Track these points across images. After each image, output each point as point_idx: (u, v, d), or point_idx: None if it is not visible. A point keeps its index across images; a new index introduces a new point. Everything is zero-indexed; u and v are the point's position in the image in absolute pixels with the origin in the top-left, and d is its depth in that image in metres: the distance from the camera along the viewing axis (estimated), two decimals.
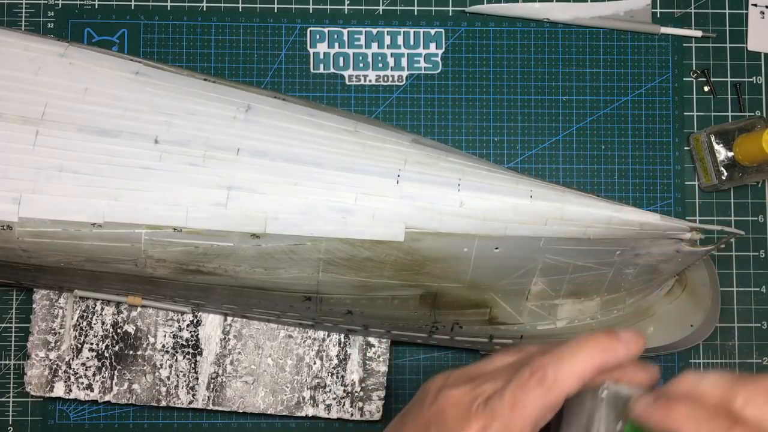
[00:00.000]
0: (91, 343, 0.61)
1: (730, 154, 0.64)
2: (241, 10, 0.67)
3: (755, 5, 0.69)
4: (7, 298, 0.65)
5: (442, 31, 0.67)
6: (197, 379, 0.61)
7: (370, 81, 0.67)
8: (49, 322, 0.61)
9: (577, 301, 0.58)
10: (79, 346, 0.61)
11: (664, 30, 0.68)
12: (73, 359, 0.61)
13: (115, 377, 0.61)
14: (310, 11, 0.67)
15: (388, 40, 0.67)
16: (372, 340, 0.62)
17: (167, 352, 0.61)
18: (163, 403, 0.61)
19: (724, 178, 0.64)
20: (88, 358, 0.61)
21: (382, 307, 0.55)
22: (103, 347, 0.61)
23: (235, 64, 0.67)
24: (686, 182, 0.67)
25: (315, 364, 0.62)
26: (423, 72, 0.67)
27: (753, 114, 0.68)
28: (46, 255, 0.52)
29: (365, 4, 0.68)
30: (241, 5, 0.67)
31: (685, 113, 0.68)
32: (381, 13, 0.68)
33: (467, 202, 0.50)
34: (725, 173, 0.64)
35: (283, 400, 0.61)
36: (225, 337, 0.61)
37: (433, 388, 0.40)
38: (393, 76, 0.67)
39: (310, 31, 0.67)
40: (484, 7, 0.67)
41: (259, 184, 0.50)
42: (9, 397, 0.64)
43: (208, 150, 0.51)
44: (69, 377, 0.61)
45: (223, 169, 0.50)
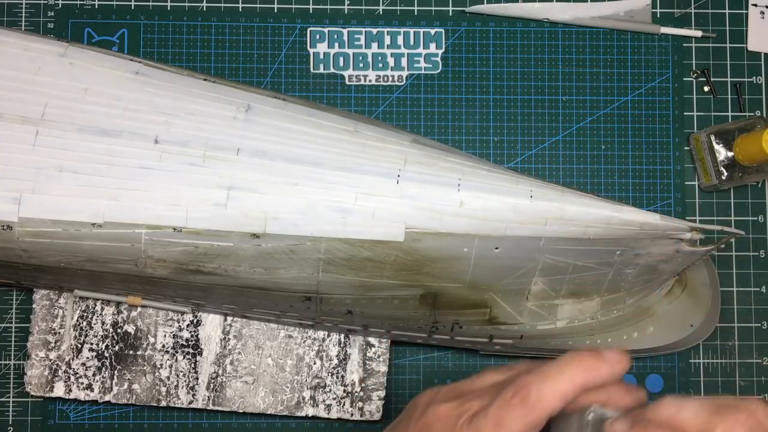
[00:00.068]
0: (91, 343, 0.61)
1: (730, 154, 0.64)
2: (241, 10, 0.67)
3: (755, 5, 0.69)
4: (7, 298, 0.65)
5: (442, 31, 0.67)
6: (197, 379, 0.61)
7: (370, 81, 0.67)
8: (49, 322, 0.61)
9: (577, 301, 0.58)
10: (79, 346, 0.61)
11: (664, 30, 0.68)
12: (73, 359, 0.61)
13: (115, 377, 0.61)
14: (310, 11, 0.67)
15: (388, 40, 0.67)
16: (372, 340, 0.62)
17: (167, 352, 0.61)
18: (163, 403, 0.61)
19: (724, 178, 0.64)
20: (88, 358, 0.61)
21: (382, 307, 0.55)
22: (103, 347, 0.61)
23: (235, 64, 0.67)
24: (686, 182, 0.67)
25: (315, 364, 0.62)
26: (423, 72, 0.67)
27: (753, 114, 0.68)
28: (46, 255, 0.52)
29: (365, 4, 0.68)
30: (241, 5, 0.67)
31: (685, 113, 0.68)
32: (381, 13, 0.68)
33: (467, 202, 0.50)
34: (725, 173, 0.64)
35: (283, 400, 0.61)
36: (225, 337, 0.61)
37: (422, 403, 0.42)
38: (393, 76, 0.67)
39: (310, 31, 0.67)
40: (484, 7, 0.67)
41: (259, 184, 0.50)
42: (9, 397, 0.64)
43: (208, 150, 0.51)
44: (69, 377, 0.61)
45: (223, 169, 0.50)
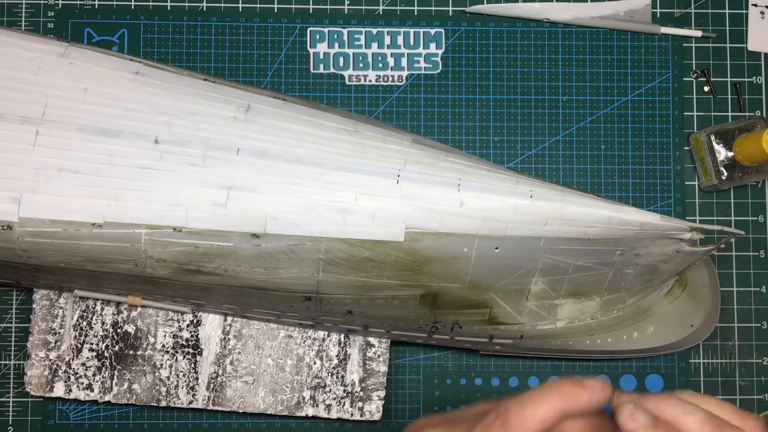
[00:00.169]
0: (91, 343, 0.61)
1: (730, 154, 0.64)
2: (241, 10, 0.67)
3: (755, 5, 0.69)
4: (7, 298, 0.65)
5: (442, 31, 0.67)
6: (197, 379, 0.61)
7: (370, 81, 0.67)
8: (49, 322, 0.61)
9: (577, 301, 0.58)
10: (79, 346, 0.61)
11: (664, 30, 0.68)
12: (73, 359, 0.61)
13: (115, 377, 0.61)
14: (310, 11, 0.67)
15: (388, 40, 0.67)
16: (372, 340, 0.62)
17: (167, 352, 0.61)
18: (163, 403, 0.61)
19: (724, 178, 0.64)
20: (88, 358, 0.61)
21: (382, 307, 0.55)
22: (103, 347, 0.61)
23: (235, 64, 0.67)
24: (686, 182, 0.67)
25: (315, 364, 0.62)
26: (423, 72, 0.67)
27: (753, 114, 0.68)
28: (46, 255, 0.52)
29: (365, 4, 0.68)
30: (241, 5, 0.67)
31: (685, 113, 0.68)
32: (381, 13, 0.68)
33: (467, 202, 0.50)
34: (725, 173, 0.64)
35: (283, 400, 0.61)
36: (225, 337, 0.61)
37: (413, 429, 0.44)
38: (393, 76, 0.67)
39: (310, 31, 0.67)
40: (484, 7, 0.67)
41: (259, 184, 0.50)
42: (9, 397, 0.64)
43: (208, 150, 0.51)
44: (69, 377, 0.61)
45: (223, 169, 0.50)
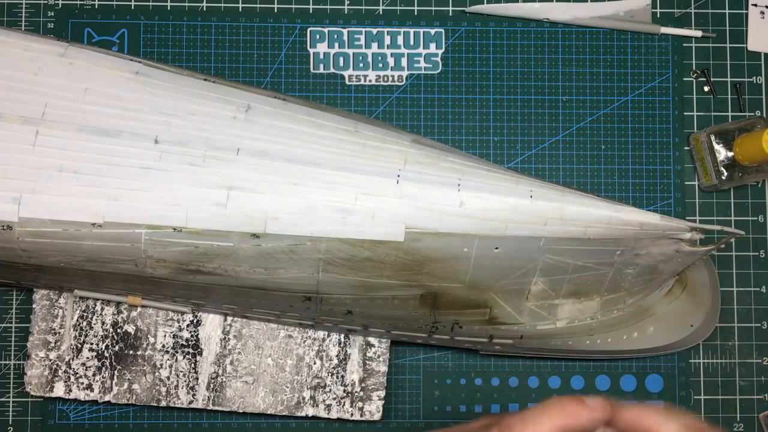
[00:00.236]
0: (91, 343, 0.61)
1: (730, 154, 0.64)
2: (241, 10, 0.67)
3: (755, 5, 0.69)
4: (7, 298, 0.65)
5: (442, 31, 0.67)
6: (197, 379, 0.61)
7: (370, 81, 0.67)
8: (49, 322, 0.61)
9: (577, 301, 0.58)
10: (79, 346, 0.61)
11: (664, 30, 0.68)
12: (73, 359, 0.61)
13: (115, 377, 0.61)
14: (310, 11, 0.67)
15: (388, 40, 0.67)
16: (372, 340, 0.62)
17: (167, 352, 0.61)
18: (163, 403, 0.61)
19: (724, 178, 0.64)
20: (88, 358, 0.61)
21: (382, 307, 0.55)
22: (103, 347, 0.61)
23: (235, 64, 0.67)
24: (686, 182, 0.67)
25: (315, 364, 0.62)
26: (423, 72, 0.67)
27: (753, 114, 0.68)
28: (46, 255, 0.52)
29: (365, 4, 0.68)
30: (241, 5, 0.67)
31: (685, 113, 0.68)
32: (381, 13, 0.68)
33: (467, 202, 0.50)
34: (725, 173, 0.64)
35: (283, 400, 0.61)
36: (225, 337, 0.61)
37: None
38: (393, 76, 0.67)
39: (310, 31, 0.67)
40: (484, 7, 0.67)
41: (259, 184, 0.50)
42: (9, 397, 0.64)
43: (208, 150, 0.51)
44: (69, 377, 0.61)
45: (223, 169, 0.50)
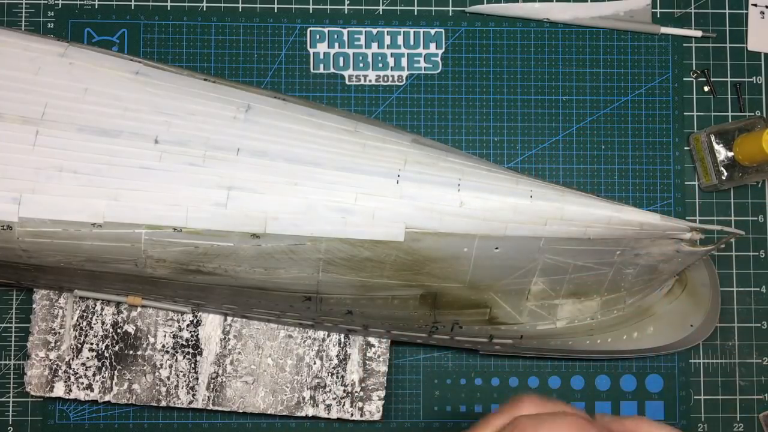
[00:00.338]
0: (91, 343, 0.61)
1: (730, 154, 0.64)
2: (241, 10, 0.67)
3: (755, 5, 0.69)
4: (7, 298, 0.65)
5: (442, 31, 0.67)
6: (197, 379, 0.61)
7: (370, 81, 0.67)
8: (49, 322, 0.61)
9: (577, 301, 0.58)
10: (79, 346, 0.61)
11: (664, 30, 0.68)
12: (73, 359, 0.61)
13: (115, 377, 0.61)
14: (310, 11, 0.67)
15: (388, 40, 0.67)
16: (372, 340, 0.62)
17: (167, 352, 0.61)
18: (163, 403, 0.61)
19: (724, 178, 0.64)
20: (88, 358, 0.61)
21: (382, 307, 0.55)
22: (103, 347, 0.61)
23: (235, 64, 0.67)
24: (686, 182, 0.67)
25: (315, 364, 0.62)
26: (423, 72, 0.67)
27: (753, 114, 0.68)
28: (46, 255, 0.52)
29: (365, 4, 0.68)
30: (241, 5, 0.67)
31: (685, 113, 0.68)
32: (381, 13, 0.68)
33: (467, 202, 0.50)
34: (725, 173, 0.64)
35: (283, 400, 0.61)
36: (225, 337, 0.61)
37: None
38: (393, 76, 0.67)
39: (310, 31, 0.67)
40: (484, 7, 0.67)
41: (259, 184, 0.50)
42: (9, 397, 0.64)
43: (208, 150, 0.51)
44: (69, 377, 0.61)
45: (223, 169, 0.50)
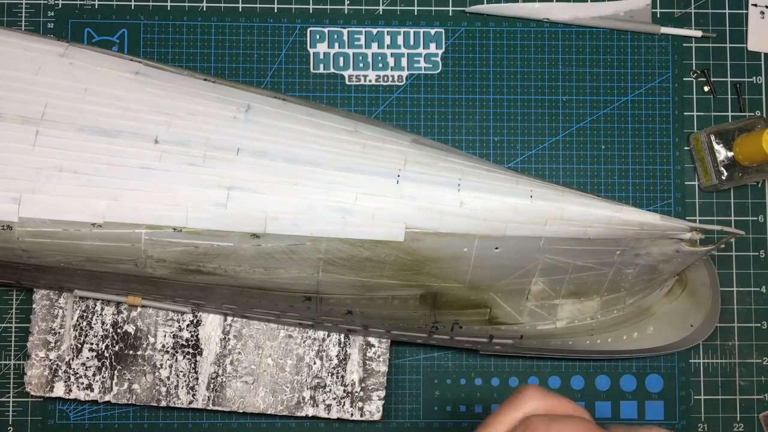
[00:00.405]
0: (91, 343, 0.61)
1: (730, 154, 0.64)
2: (241, 10, 0.67)
3: (755, 5, 0.69)
4: (7, 298, 0.65)
5: (442, 31, 0.67)
6: (197, 379, 0.61)
7: (370, 81, 0.67)
8: (49, 322, 0.61)
9: (577, 301, 0.58)
10: (79, 346, 0.61)
11: (664, 30, 0.68)
12: (73, 359, 0.61)
13: (115, 377, 0.61)
14: (310, 11, 0.67)
15: (388, 40, 0.67)
16: (372, 340, 0.62)
17: (167, 352, 0.61)
18: (163, 403, 0.61)
19: (724, 178, 0.64)
20: (88, 358, 0.61)
21: (382, 307, 0.55)
22: (103, 347, 0.61)
23: (235, 64, 0.67)
24: (686, 182, 0.67)
25: (315, 364, 0.62)
26: (423, 72, 0.67)
27: (753, 114, 0.68)
28: (46, 255, 0.52)
29: (365, 4, 0.68)
30: (241, 5, 0.67)
31: (685, 113, 0.68)
32: (381, 13, 0.68)
33: (467, 202, 0.50)
34: (725, 173, 0.64)
35: (283, 400, 0.61)
36: (225, 337, 0.61)
37: None
38: (393, 76, 0.67)
39: (310, 31, 0.67)
40: (484, 7, 0.67)
41: (259, 184, 0.50)
42: (9, 397, 0.64)
43: (208, 150, 0.51)
44: (69, 377, 0.61)
45: (223, 169, 0.50)
